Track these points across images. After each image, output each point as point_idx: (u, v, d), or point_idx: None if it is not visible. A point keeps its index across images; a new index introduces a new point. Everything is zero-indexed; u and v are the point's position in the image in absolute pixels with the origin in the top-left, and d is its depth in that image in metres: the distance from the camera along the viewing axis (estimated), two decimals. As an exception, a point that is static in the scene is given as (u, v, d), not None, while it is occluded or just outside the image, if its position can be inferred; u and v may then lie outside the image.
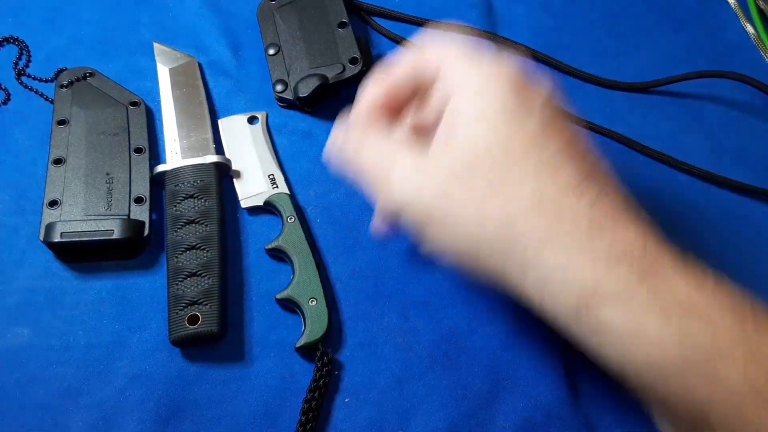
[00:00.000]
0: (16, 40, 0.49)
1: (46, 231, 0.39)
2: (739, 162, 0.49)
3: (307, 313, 0.39)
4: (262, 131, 0.46)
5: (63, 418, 0.36)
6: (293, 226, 0.41)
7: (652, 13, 0.56)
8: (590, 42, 0.54)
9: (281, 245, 0.41)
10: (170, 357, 0.38)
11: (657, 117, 0.51)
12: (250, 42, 0.51)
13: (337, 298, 0.41)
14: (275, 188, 0.43)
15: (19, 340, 0.38)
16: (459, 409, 0.38)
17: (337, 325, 0.40)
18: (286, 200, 0.43)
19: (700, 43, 0.55)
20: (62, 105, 0.44)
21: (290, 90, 0.47)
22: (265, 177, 0.44)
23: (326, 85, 0.46)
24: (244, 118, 0.46)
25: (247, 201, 0.43)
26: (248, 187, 0.44)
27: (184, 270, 0.39)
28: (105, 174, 0.41)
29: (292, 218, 0.42)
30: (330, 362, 0.38)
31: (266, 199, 0.43)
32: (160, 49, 0.48)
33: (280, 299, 0.39)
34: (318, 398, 0.37)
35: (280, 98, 0.47)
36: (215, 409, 0.37)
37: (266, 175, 0.44)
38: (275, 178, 0.44)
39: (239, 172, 0.44)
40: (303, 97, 0.46)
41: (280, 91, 0.47)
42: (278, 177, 0.44)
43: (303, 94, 0.46)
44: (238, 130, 0.46)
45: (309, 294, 0.39)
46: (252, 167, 0.44)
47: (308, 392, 0.37)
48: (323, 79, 0.46)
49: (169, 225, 0.40)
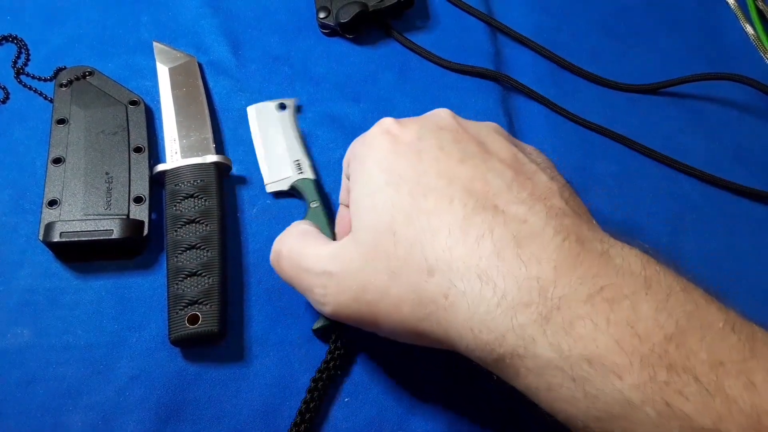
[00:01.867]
0: (15, 39, 0.48)
1: (45, 231, 0.39)
2: (738, 163, 0.49)
3: None
4: (290, 118, 0.47)
5: (63, 418, 0.36)
6: (316, 210, 0.42)
7: (651, 14, 0.56)
8: (590, 42, 0.54)
9: None
10: (170, 357, 0.38)
11: (657, 117, 0.51)
12: (250, 41, 0.51)
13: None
14: (301, 173, 0.44)
15: (19, 340, 0.38)
16: (459, 409, 0.38)
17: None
18: (310, 185, 0.43)
19: (699, 43, 0.55)
20: (61, 104, 0.44)
21: (332, 16, 0.50)
22: (292, 162, 0.44)
23: (366, 12, 0.49)
24: (273, 105, 0.47)
25: (273, 186, 0.44)
26: (274, 171, 0.44)
27: (184, 270, 0.38)
28: (104, 173, 0.41)
29: (315, 203, 0.42)
30: (343, 347, 0.38)
31: (291, 183, 0.44)
32: (160, 49, 0.48)
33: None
34: (326, 380, 0.37)
35: (322, 24, 0.51)
36: (215, 408, 0.37)
37: (293, 160, 0.44)
38: (301, 163, 0.44)
39: (266, 157, 0.45)
40: (344, 23, 0.49)
41: (323, 18, 0.50)
42: (304, 163, 0.44)
43: (343, 20, 0.49)
44: (267, 116, 0.47)
45: None
46: (279, 153, 0.45)
47: (317, 372, 0.37)
48: (363, 6, 0.49)
49: (169, 225, 0.40)
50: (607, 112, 0.51)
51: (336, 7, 0.50)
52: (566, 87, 0.52)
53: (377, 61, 0.51)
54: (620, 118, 0.50)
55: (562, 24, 0.55)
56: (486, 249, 0.26)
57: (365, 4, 0.50)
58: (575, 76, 0.52)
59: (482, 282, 0.26)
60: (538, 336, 0.24)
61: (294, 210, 0.44)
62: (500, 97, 0.50)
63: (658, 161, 0.49)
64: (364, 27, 0.51)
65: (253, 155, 0.46)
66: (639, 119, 0.51)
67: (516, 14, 0.55)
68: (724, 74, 0.51)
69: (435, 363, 0.39)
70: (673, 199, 0.47)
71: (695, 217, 0.47)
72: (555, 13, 0.55)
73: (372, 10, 0.50)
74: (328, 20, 0.50)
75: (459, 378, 0.39)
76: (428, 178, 0.29)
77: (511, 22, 0.54)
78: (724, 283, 0.45)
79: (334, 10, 0.50)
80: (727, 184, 0.48)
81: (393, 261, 0.28)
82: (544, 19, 0.55)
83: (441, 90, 0.50)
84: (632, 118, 0.51)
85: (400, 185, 0.29)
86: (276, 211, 0.44)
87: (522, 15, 0.55)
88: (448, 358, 0.39)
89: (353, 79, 0.50)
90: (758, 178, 0.48)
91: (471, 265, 0.26)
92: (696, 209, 0.47)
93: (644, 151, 0.49)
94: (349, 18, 0.49)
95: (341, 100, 0.49)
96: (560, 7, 0.56)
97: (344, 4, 0.50)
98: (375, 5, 0.50)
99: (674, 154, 0.49)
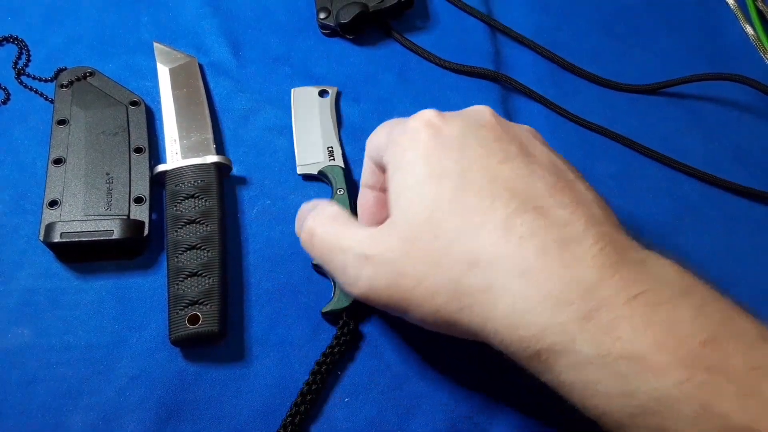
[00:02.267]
0: (15, 40, 0.49)
1: (45, 231, 0.39)
2: (738, 163, 0.49)
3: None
4: (330, 105, 0.48)
5: (63, 418, 0.36)
6: (341, 198, 0.43)
7: (651, 14, 0.56)
8: (590, 42, 0.54)
9: None
10: (170, 357, 0.38)
11: (657, 118, 0.51)
12: (251, 42, 0.51)
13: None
14: (331, 160, 0.45)
15: (19, 341, 0.38)
16: (459, 409, 0.38)
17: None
18: (339, 173, 0.44)
19: (699, 43, 0.55)
20: (62, 105, 0.44)
21: (333, 17, 0.50)
22: (324, 148, 0.45)
23: (366, 13, 0.49)
24: (316, 91, 0.48)
25: (303, 168, 0.45)
26: (306, 155, 0.45)
27: (185, 270, 0.39)
28: (105, 174, 0.41)
29: (341, 191, 0.43)
30: (350, 332, 0.39)
31: (320, 169, 0.44)
32: (161, 49, 0.48)
33: (315, 264, 0.41)
34: (329, 364, 0.38)
35: (323, 25, 0.51)
36: (215, 409, 0.37)
37: (326, 146, 0.45)
38: (333, 150, 0.45)
39: (301, 139, 0.46)
40: (344, 24, 0.49)
41: (323, 18, 0.50)
42: (336, 150, 0.45)
43: (344, 21, 0.49)
44: (308, 100, 0.48)
45: None
46: (313, 137, 0.46)
47: (322, 356, 0.38)
48: (363, 7, 0.49)
49: (169, 225, 0.40)
50: (607, 112, 0.51)
51: (336, 8, 0.50)
52: (566, 87, 0.52)
53: (377, 61, 0.51)
54: (620, 118, 0.50)
55: (562, 24, 0.55)
56: (529, 249, 0.27)
57: (366, 5, 0.50)
58: (575, 76, 0.52)
59: (525, 280, 0.27)
60: (578, 334, 0.25)
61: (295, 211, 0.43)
62: (500, 97, 0.50)
63: (658, 161, 0.49)
64: (364, 28, 0.51)
65: (253, 155, 0.46)
66: (639, 119, 0.51)
67: (516, 14, 0.55)
68: (724, 74, 0.51)
69: (435, 362, 0.39)
70: (673, 199, 0.47)
71: (695, 217, 0.47)
72: (555, 13, 0.55)
73: (372, 11, 0.50)
74: (329, 21, 0.50)
75: (459, 378, 0.39)
76: (471, 174, 0.30)
77: (511, 22, 0.54)
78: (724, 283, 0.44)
79: (335, 10, 0.50)
80: (726, 184, 0.48)
81: (433, 252, 0.29)
82: (544, 19, 0.55)
83: (441, 90, 0.50)
84: (632, 118, 0.51)
85: (442, 179, 0.30)
86: (276, 211, 0.44)
87: (522, 15, 0.55)
88: (448, 358, 0.39)
89: (353, 80, 0.50)
90: (758, 178, 0.48)
91: (515, 263, 0.27)
92: (696, 209, 0.47)
93: (644, 151, 0.49)
94: (349, 19, 0.49)
95: (341, 100, 0.49)
96: (560, 7, 0.56)
97: (345, 5, 0.50)
98: (375, 6, 0.50)
99: (674, 154, 0.49)
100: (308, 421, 0.37)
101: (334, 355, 0.38)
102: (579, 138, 0.49)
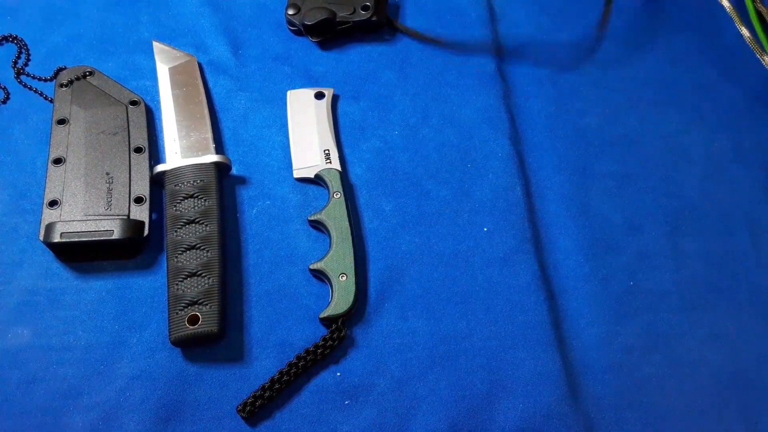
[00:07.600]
0: (15, 39, 0.48)
1: (45, 231, 0.39)
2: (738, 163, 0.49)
3: (336, 287, 0.39)
4: (326, 107, 0.47)
5: (63, 418, 0.36)
6: (338, 201, 0.42)
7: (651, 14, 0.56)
8: (589, 43, 0.54)
9: (323, 219, 0.42)
10: (170, 357, 0.38)
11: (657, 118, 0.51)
12: (250, 41, 0.51)
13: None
14: (328, 163, 0.44)
15: (20, 341, 0.38)
16: (459, 409, 0.38)
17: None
18: (335, 176, 0.44)
19: (699, 44, 0.55)
20: (62, 104, 0.44)
21: (300, 15, 0.50)
22: (321, 151, 0.45)
23: (331, 20, 0.49)
24: (312, 93, 0.48)
25: (300, 172, 0.45)
26: (303, 158, 0.45)
27: (184, 270, 0.39)
28: (105, 174, 0.41)
29: (338, 194, 0.43)
30: (340, 339, 0.39)
31: (317, 172, 0.44)
32: (160, 48, 0.48)
33: (313, 269, 0.41)
34: (309, 362, 0.38)
35: (289, 21, 0.50)
36: (215, 409, 0.37)
37: (322, 149, 0.45)
38: (330, 153, 0.45)
39: (297, 142, 0.46)
40: (307, 25, 0.49)
41: (291, 14, 0.50)
42: (333, 153, 0.45)
43: (308, 22, 0.49)
44: (304, 103, 0.47)
45: (341, 269, 0.40)
46: (310, 140, 0.46)
47: (305, 351, 0.38)
48: (330, 14, 0.49)
49: (169, 225, 0.40)
50: (607, 112, 0.51)
51: (306, 8, 0.50)
52: (566, 87, 0.52)
53: (377, 60, 0.51)
54: (620, 118, 0.50)
55: (562, 24, 0.55)
56: None
57: (334, 13, 0.49)
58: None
59: None
60: None
61: (294, 211, 0.44)
62: (501, 95, 0.50)
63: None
64: (330, 35, 0.50)
65: (252, 155, 0.46)
66: (639, 119, 0.51)
67: (516, 14, 0.55)
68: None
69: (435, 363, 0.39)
70: (673, 199, 0.47)
71: (695, 217, 0.47)
72: (555, 13, 0.55)
73: (339, 21, 0.49)
74: (296, 18, 0.50)
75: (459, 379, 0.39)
76: None
77: (511, 22, 0.54)
78: (724, 283, 0.45)
79: (304, 9, 0.50)
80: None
81: None
82: (544, 19, 0.55)
83: (441, 87, 0.50)
84: (632, 118, 0.51)
85: None
86: (276, 211, 0.44)
87: (522, 15, 0.55)
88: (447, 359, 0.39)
89: (353, 78, 0.50)
90: (758, 178, 0.48)
91: None
92: (696, 209, 0.47)
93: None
94: (313, 22, 0.49)
95: (341, 99, 0.49)
96: (560, 7, 0.56)
97: (314, 7, 0.49)
98: (343, 17, 0.49)
99: (674, 154, 0.49)
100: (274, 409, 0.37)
101: (315, 355, 0.38)
102: (579, 138, 0.49)
